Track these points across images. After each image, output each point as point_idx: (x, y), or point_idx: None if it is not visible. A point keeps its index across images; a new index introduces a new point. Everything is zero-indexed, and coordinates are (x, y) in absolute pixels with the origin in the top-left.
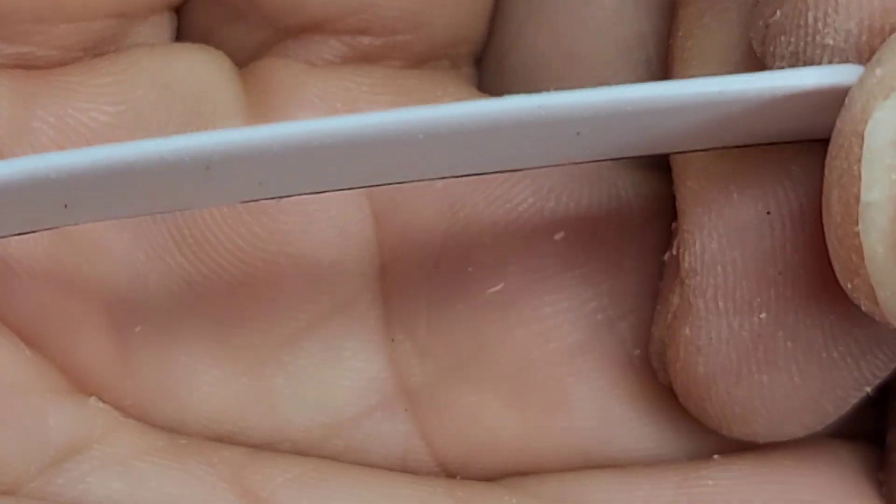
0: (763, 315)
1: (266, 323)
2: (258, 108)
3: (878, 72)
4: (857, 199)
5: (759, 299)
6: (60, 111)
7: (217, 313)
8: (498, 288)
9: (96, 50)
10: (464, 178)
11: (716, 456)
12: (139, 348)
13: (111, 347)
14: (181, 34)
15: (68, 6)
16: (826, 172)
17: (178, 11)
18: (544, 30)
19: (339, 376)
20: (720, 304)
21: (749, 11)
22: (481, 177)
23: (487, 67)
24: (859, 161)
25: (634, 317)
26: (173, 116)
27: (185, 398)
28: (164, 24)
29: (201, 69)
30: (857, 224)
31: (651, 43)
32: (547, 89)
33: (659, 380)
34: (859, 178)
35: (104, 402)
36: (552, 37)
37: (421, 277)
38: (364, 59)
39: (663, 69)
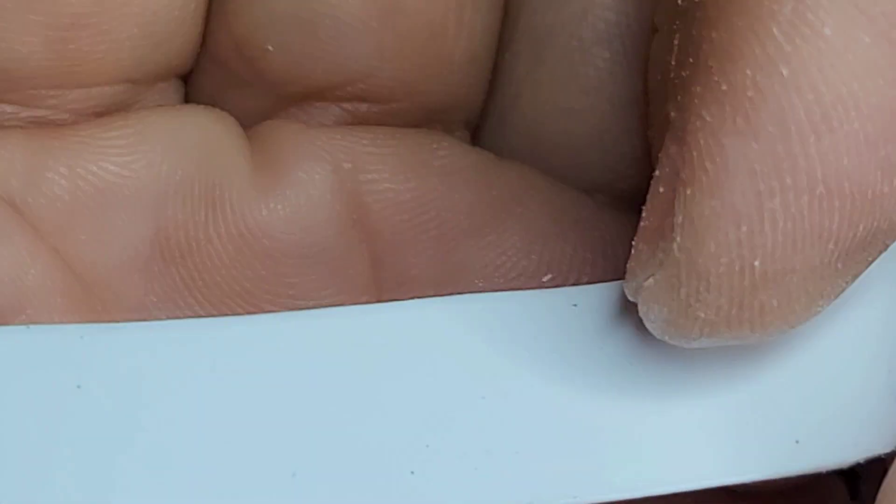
0: None
1: None
2: (264, 160)
3: None
4: None
5: None
6: (72, 162)
7: None
8: None
9: (106, 114)
10: (457, 224)
11: None
12: None
13: None
14: (188, 101)
15: (81, 73)
16: None
17: (185, 79)
18: (543, 88)
19: None
20: None
21: None
22: (473, 224)
23: (489, 125)
24: None
25: None
26: (181, 166)
27: None
28: (171, 91)
29: (208, 125)
30: None
31: (644, 101)
32: (546, 145)
33: None
34: None
35: None
36: (550, 94)
37: None
38: (361, 123)
39: (657, 124)
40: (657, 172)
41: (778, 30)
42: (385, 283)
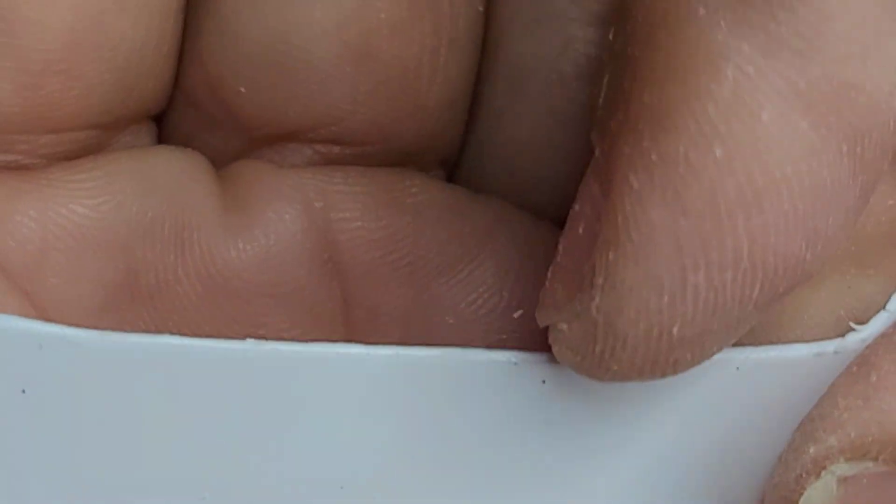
0: None
1: None
2: (234, 200)
3: (811, 449)
4: None
5: None
6: (42, 205)
7: None
8: None
9: (78, 158)
10: (429, 261)
11: None
12: None
13: None
14: (161, 141)
15: (53, 118)
16: None
17: (158, 120)
18: (521, 121)
19: None
20: None
21: None
22: (445, 261)
23: (467, 159)
24: None
25: None
26: (150, 207)
27: None
28: (144, 132)
29: (178, 166)
30: None
31: None
32: (525, 179)
33: None
34: None
35: None
36: (529, 128)
37: None
38: (333, 164)
39: None
40: (576, 206)
41: (714, 109)
42: (356, 321)
